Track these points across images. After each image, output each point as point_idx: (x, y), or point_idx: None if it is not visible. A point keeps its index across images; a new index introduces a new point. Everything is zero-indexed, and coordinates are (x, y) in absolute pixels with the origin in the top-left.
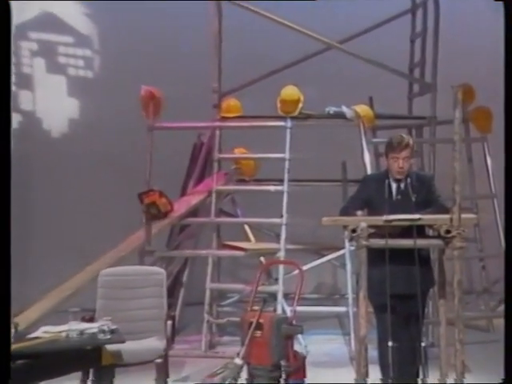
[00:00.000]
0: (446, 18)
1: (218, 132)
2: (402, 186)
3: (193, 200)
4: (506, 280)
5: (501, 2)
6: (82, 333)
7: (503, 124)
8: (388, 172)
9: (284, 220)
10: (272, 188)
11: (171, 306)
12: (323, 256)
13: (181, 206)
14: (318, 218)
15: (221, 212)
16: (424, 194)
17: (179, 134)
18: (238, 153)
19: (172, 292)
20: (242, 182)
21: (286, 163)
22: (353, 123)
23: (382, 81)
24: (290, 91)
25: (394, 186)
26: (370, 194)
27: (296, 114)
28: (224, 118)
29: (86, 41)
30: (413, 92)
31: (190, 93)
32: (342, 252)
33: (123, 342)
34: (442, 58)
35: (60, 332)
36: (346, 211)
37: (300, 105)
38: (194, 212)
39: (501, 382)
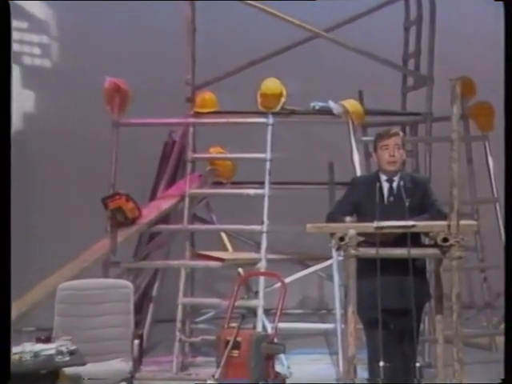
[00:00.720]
0: (443, 4)
1: (191, 129)
2: (395, 187)
3: (163, 205)
4: (506, 284)
5: (501, 2)
6: (36, 355)
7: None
8: (379, 171)
9: (265, 227)
10: (252, 192)
11: (139, 323)
12: (308, 267)
13: (150, 212)
14: (302, 224)
15: (195, 218)
16: (419, 198)
17: (148, 132)
18: (214, 152)
19: (140, 308)
20: (218, 184)
21: (267, 164)
22: (341, 120)
23: (372, 73)
24: (271, 84)
25: (385, 187)
26: (359, 198)
27: (278, 109)
28: (198, 114)
29: (43, 26)
30: (407, 85)
31: (160, 85)
32: (328, 262)
33: (84, 364)
34: (439, 48)
35: (12, 354)
36: (333, 217)
37: (282, 99)
38: (164, 218)
39: (500, 382)
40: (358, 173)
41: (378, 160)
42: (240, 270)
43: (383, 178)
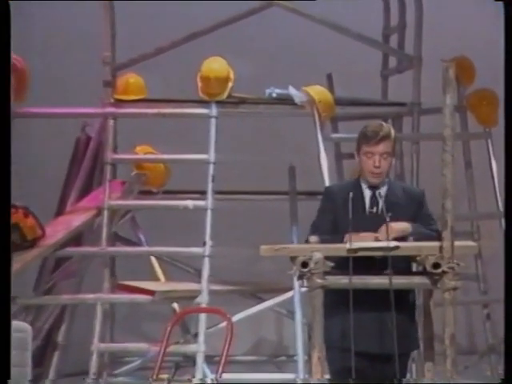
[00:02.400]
0: None
1: (111, 122)
2: (380, 198)
3: (74, 221)
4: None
5: (501, 2)
6: None
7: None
8: (359, 178)
9: (207, 250)
10: (190, 203)
11: (39, 377)
12: (263, 301)
13: (57, 230)
14: (255, 246)
15: (116, 238)
16: (411, 215)
17: (55, 125)
18: (142, 153)
19: (41, 358)
20: (147, 194)
21: (210, 168)
22: (304, 111)
23: (344, 52)
24: (215, 65)
25: (367, 196)
26: (335, 212)
27: (224, 97)
28: (120, 102)
29: None
30: (388, 68)
31: (70, 66)
32: (288, 295)
33: None
34: (429, 22)
35: None
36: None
37: (229, 84)
38: (76, 238)
39: (500, 382)
40: (326, 179)
41: (359, 165)
42: (175, 305)
43: (366, 184)
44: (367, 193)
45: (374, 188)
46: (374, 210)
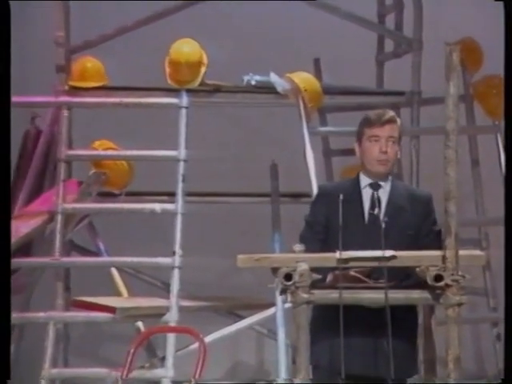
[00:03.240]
0: None
1: (65, 112)
2: (382, 197)
3: (23, 227)
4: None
5: (501, 2)
6: None
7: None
8: (358, 176)
9: (177, 260)
10: (158, 207)
11: None
12: (241, 319)
13: None
14: (232, 255)
15: (71, 247)
16: (416, 223)
17: None
18: (100, 148)
19: None
20: (107, 196)
21: (180, 166)
22: (288, 101)
23: (334, 34)
24: (186, 48)
25: (367, 196)
26: (328, 215)
27: (196, 84)
28: (75, 90)
29: None
30: (384, 52)
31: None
32: (270, 312)
33: None
34: (430, 0)
35: None
36: (307, 241)
37: (202, 70)
38: (24, 247)
39: (500, 382)
40: (313, 179)
41: (361, 156)
42: (139, 324)
43: (365, 181)
44: (367, 192)
45: (376, 186)
46: (376, 211)
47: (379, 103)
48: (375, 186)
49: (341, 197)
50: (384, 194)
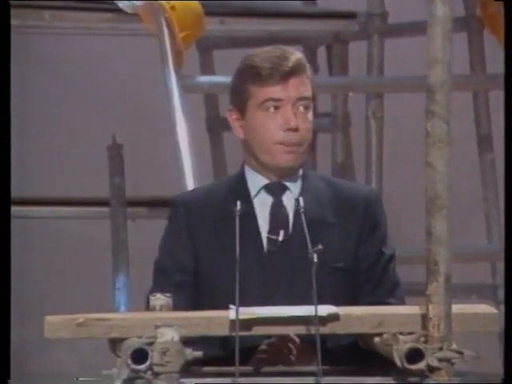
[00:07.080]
0: None
1: None
2: (290, 208)
3: None
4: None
5: (501, 2)
6: None
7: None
8: (243, 170)
9: None
10: None
11: None
12: None
13: None
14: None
15: None
16: (349, 247)
17: None
18: None
19: None
20: None
21: None
22: (141, 27)
23: None
24: None
25: (266, 207)
26: (196, 252)
27: None
28: None
29: None
30: None
31: None
32: None
33: None
34: None
35: None
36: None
37: None
38: None
39: (501, 381)
40: (189, 175)
41: (247, 137)
42: None
43: (257, 181)
44: (263, 201)
45: (277, 190)
46: (280, 236)
47: (314, 33)
48: (277, 190)
49: (238, 206)
50: (291, 200)
